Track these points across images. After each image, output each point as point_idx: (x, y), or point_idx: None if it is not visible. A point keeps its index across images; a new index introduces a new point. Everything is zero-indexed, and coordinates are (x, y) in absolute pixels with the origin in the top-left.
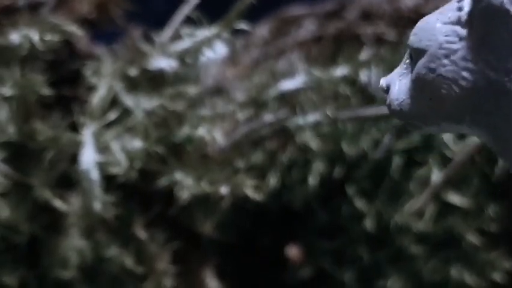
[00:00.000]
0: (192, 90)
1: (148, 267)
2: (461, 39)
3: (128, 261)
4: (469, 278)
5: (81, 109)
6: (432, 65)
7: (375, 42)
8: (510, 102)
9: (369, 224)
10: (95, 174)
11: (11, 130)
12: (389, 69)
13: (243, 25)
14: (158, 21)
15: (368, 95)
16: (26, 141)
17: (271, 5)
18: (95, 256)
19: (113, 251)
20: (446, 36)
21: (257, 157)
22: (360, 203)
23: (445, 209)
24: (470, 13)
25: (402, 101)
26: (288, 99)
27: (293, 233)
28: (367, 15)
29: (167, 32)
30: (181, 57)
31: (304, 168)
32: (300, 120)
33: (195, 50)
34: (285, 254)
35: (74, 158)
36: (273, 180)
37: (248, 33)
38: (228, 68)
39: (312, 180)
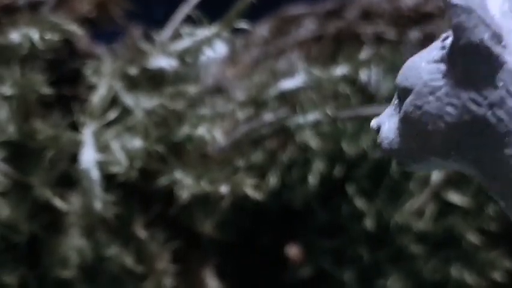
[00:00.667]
0: (191, 89)
1: (148, 266)
2: (444, 76)
3: (128, 261)
4: (469, 277)
5: (81, 108)
6: (418, 102)
7: (375, 42)
8: (494, 136)
9: (369, 223)
10: (95, 174)
11: (11, 129)
12: (389, 68)
13: (243, 24)
14: (158, 20)
15: (368, 94)
16: (26, 140)
17: (271, 5)
18: (95, 255)
19: (113, 251)
20: (430, 74)
21: (257, 156)
22: (360, 203)
23: (445, 209)
24: (451, 50)
25: (392, 140)
26: (288, 99)
27: (293, 233)
28: (367, 15)
29: (167, 32)
30: (181, 56)
31: (304, 168)
32: (300, 119)
33: (195, 50)
34: (285, 254)
35: (74, 157)
36: (273, 180)
37: (248, 33)
38: (228, 68)
39: (312, 179)
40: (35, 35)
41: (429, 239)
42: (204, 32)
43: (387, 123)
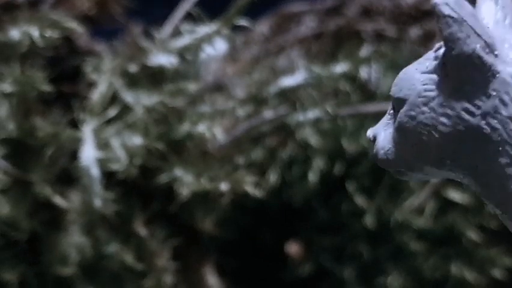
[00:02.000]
0: (192, 86)
1: (148, 263)
2: (437, 87)
3: (128, 258)
4: (469, 274)
5: (81, 105)
6: (413, 113)
7: (375, 39)
8: (488, 145)
9: (369, 220)
10: (95, 171)
11: (11, 126)
12: (390, 65)
13: (243, 22)
14: (158, 17)
15: (368, 92)
16: (26, 137)
17: (271, 2)
18: (95, 253)
19: (113, 248)
20: (424, 84)
21: (257, 154)
22: (360, 200)
23: (445, 206)
24: (444, 61)
25: (387, 150)
26: (288, 96)
27: (293, 230)
28: (367, 12)
29: (167, 29)
30: (181, 53)
31: (304, 165)
32: (300, 116)
33: (195, 47)
34: (285, 251)
35: (74, 155)
36: (273, 177)
37: (248, 30)
38: (228, 65)
39: (312, 176)
40: (35, 32)
41: (429, 236)
42: (204, 29)
43: (382, 133)
